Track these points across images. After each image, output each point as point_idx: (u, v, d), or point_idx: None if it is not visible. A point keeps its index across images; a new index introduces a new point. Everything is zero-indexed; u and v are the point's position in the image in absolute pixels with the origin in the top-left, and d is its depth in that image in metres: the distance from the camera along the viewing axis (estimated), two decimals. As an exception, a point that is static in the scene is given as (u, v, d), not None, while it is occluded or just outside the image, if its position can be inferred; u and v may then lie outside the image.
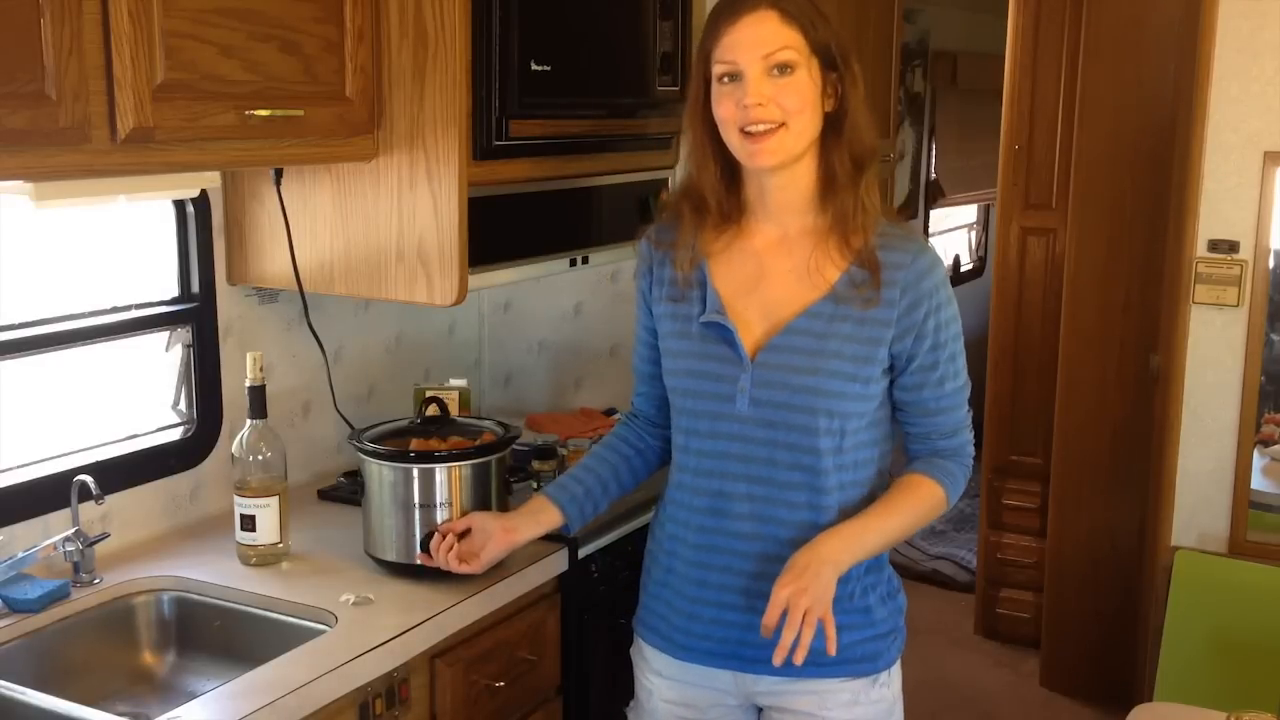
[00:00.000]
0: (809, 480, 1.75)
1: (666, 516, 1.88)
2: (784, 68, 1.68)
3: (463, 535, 1.93)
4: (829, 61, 1.72)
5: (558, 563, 2.18)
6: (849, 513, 1.76)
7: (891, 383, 1.78)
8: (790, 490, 1.75)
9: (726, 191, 1.80)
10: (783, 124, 1.68)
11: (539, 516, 1.93)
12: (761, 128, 1.68)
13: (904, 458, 1.87)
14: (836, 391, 1.72)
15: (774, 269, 1.78)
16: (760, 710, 1.88)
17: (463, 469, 2.03)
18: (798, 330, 1.74)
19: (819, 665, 1.75)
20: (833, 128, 1.74)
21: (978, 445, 1.94)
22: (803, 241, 1.77)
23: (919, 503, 1.79)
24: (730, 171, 1.79)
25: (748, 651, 1.80)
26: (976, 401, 1.90)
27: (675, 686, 1.88)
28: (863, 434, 1.77)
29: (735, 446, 1.77)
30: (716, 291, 1.79)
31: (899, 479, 1.81)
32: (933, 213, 5.72)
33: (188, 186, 2.10)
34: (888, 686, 1.83)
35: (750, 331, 1.76)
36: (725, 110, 1.71)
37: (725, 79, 1.70)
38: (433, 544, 1.93)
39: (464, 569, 1.91)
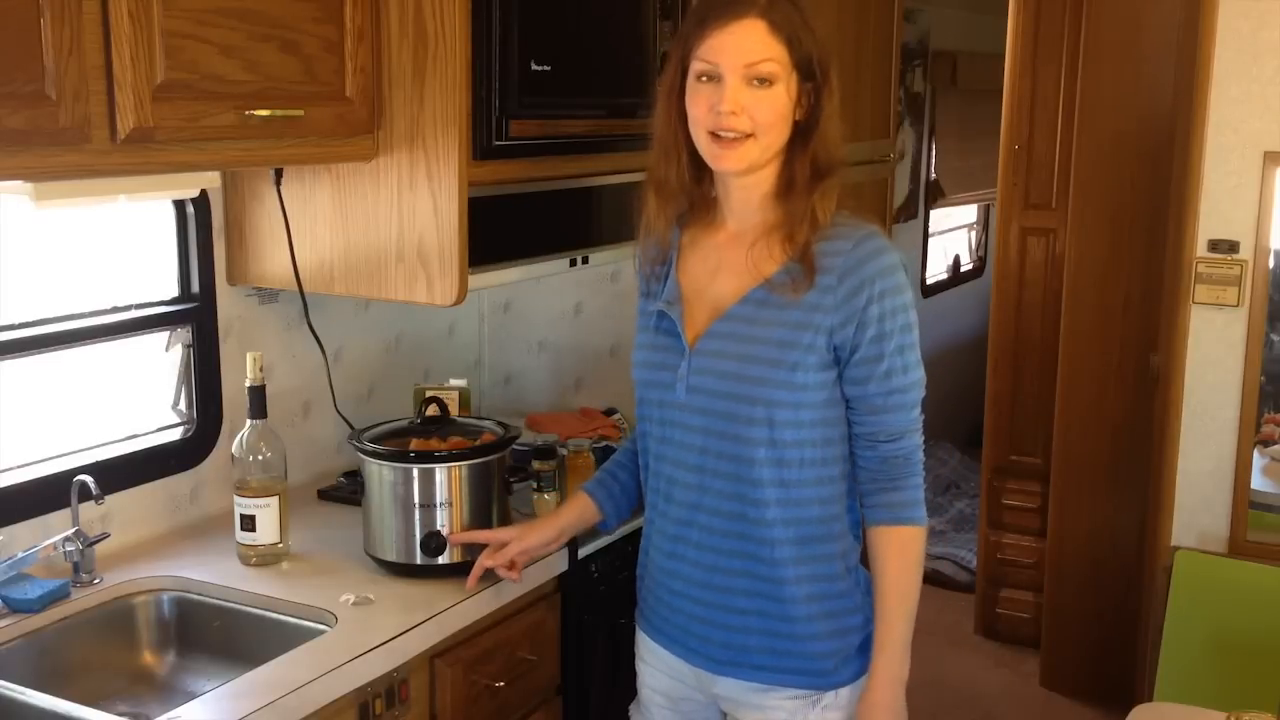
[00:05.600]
0: (738, 471, 1.73)
1: (647, 502, 1.91)
2: (764, 80, 1.67)
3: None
4: (808, 74, 1.70)
5: (558, 563, 2.18)
6: (794, 519, 1.74)
7: (842, 379, 1.73)
8: (721, 479, 1.75)
9: (694, 181, 1.80)
10: (751, 135, 1.68)
11: (584, 513, 2.02)
12: (731, 135, 1.68)
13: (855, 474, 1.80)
14: (758, 378, 1.70)
15: (728, 262, 1.78)
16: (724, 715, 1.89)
17: (463, 469, 2.04)
18: (732, 317, 1.74)
19: (756, 669, 1.77)
20: (801, 136, 1.73)
21: (977, 445, 1.93)
22: (751, 235, 1.77)
23: (905, 557, 1.77)
24: (698, 162, 1.77)
25: (699, 646, 1.82)
26: (976, 401, 1.89)
27: (655, 674, 1.91)
28: (804, 431, 1.72)
29: (677, 434, 1.79)
30: (678, 283, 1.81)
31: (871, 550, 1.77)
32: (933, 213, 5.71)
33: (188, 186, 2.10)
34: (834, 710, 1.78)
35: (695, 321, 1.78)
36: (698, 110, 1.70)
37: (704, 78, 1.69)
38: (475, 569, 2.01)
39: (509, 575, 2.01)
